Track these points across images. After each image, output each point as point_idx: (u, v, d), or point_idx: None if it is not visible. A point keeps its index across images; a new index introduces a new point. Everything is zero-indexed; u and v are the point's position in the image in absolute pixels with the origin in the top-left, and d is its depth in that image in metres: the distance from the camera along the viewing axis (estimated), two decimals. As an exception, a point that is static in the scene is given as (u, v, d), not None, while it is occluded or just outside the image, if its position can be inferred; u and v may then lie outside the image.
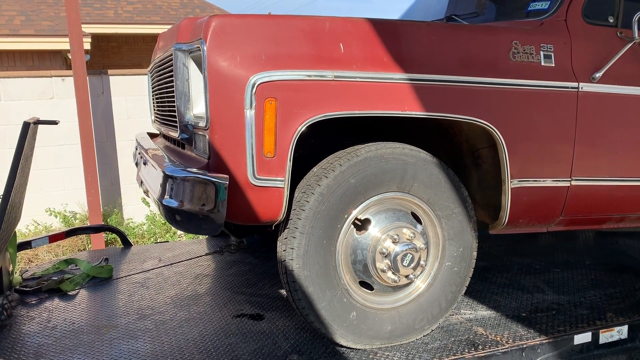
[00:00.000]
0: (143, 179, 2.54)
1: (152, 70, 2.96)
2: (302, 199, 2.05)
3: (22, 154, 2.38)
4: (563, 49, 2.35)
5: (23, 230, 6.05)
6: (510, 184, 2.29)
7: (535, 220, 2.47)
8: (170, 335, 2.36)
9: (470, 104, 2.18)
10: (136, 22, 12.21)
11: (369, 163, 2.09)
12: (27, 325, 2.52)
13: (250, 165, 1.95)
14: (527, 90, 2.27)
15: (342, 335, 2.15)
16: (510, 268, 3.20)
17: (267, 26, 1.98)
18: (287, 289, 2.13)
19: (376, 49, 2.06)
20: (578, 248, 3.69)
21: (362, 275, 2.18)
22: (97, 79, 6.34)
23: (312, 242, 2.04)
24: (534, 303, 2.67)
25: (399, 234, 2.15)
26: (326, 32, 2.01)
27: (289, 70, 1.95)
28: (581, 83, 2.36)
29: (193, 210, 1.92)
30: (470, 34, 2.28)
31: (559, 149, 2.38)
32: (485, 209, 2.51)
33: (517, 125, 2.27)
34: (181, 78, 2.09)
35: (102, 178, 6.34)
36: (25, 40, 9.45)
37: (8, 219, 2.35)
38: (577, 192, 2.45)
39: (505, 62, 2.24)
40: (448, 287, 2.33)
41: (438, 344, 2.26)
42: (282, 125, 1.95)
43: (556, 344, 2.29)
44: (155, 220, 6.56)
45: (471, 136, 2.43)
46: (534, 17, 2.48)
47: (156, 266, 3.34)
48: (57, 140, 6.24)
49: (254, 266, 3.31)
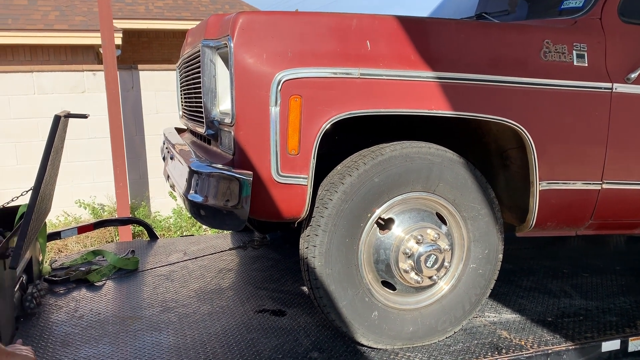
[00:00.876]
0: (169, 173, 2.57)
1: (181, 66, 2.99)
2: (325, 196, 2.05)
3: (52, 146, 2.42)
4: (597, 48, 2.29)
5: (53, 221, 6.19)
6: (539, 186, 2.24)
7: (564, 223, 2.42)
8: (192, 329, 2.38)
9: (499, 103, 2.14)
10: (166, 18, 12.35)
11: (393, 162, 2.07)
12: (54, 314, 2.58)
13: (274, 162, 1.95)
14: (559, 91, 2.22)
15: (363, 335, 2.14)
16: (536, 271, 3.14)
17: (293, 23, 1.97)
18: (308, 287, 2.12)
19: (403, 47, 2.04)
20: (608, 253, 3.60)
21: (385, 275, 2.17)
22: (127, 73, 6.44)
23: (335, 241, 2.04)
24: (561, 308, 2.61)
25: (423, 235, 2.13)
26: (353, 29, 2.00)
27: (315, 68, 1.94)
28: (615, 84, 2.30)
29: (217, 206, 1.93)
30: (501, 32, 2.24)
31: (590, 151, 2.32)
32: (513, 211, 2.46)
33: (547, 126, 2.22)
34: (208, 74, 2.10)
35: (130, 171, 6.45)
36: (59, 35, 9.63)
37: (38, 209, 2.40)
38: (608, 196, 2.39)
39: (536, 62, 2.19)
40: (472, 290, 2.29)
41: (461, 346, 2.24)
42: (306, 122, 1.95)
43: (583, 350, 2.24)
44: (181, 214, 6.64)
45: (499, 136, 2.39)
46: (567, 15, 2.42)
47: (181, 259, 3.38)
48: (88, 134, 6.36)
49: (277, 262, 3.32)
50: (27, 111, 6.11)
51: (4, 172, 6.11)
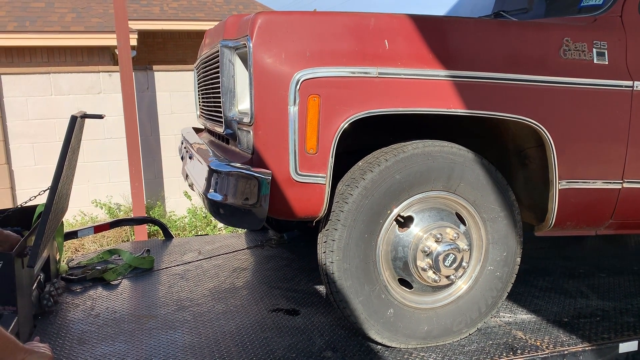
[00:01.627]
0: (188, 172, 2.59)
1: (198, 66, 3.01)
2: (345, 191, 2.05)
3: (69, 146, 2.45)
4: (617, 46, 2.26)
5: (70, 221, 6.27)
6: (558, 185, 2.23)
7: (584, 222, 2.39)
8: (207, 327, 2.40)
9: (518, 102, 2.13)
10: (181, 19, 12.44)
11: (415, 160, 2.07)
12: (71, 312, 2.61)
13: (293, 161, 1.96)
14: (578, 89, 2.19)
15: (377, 332, 2.14)
16: (553, 271, 3.11)
17: (311, 23, 1.98)
18: (325, 281, 2.13)
19: (421, 46, 2.03)
20: (626, 253, 3.54)
21: (402, 273, 2.16)
22: (142, 74, 6.50)
23: (354, 236, 2.04)
24: (577, 308, 2.58)
25: (442, 233, 2.13)
26: (371, 28, 2.00)
27: (333, 67, 1.95)
28: (636, 82, 2.27)
29: (236, 204, 1.95)
30: (520, 30, 2.22)
31: (610, 150, 2.30)
32: (531, 210, 2.45)
33: (567, 124, 2.20)
34: (227, 74, 2.12)
35: (146, 171, 6.51)
36: (76, 36, 9.75)
37: (56, 209, 2.44)
38: (628, 195, 2.36)
39: (555, 60, 2.17)
40: (489, 292, 2.28)
41: (475, 346, 2.22)
42: (324, 121, 1.95)
43: (600, 351, 2.21)
44: (196, 213, 6.68)
45: (518, 135, 2.37)
46: (587, 13, 2.39)
47: (196, 259, 3.41)
48: (104, 134, 6.43)
49: (291, 261, 3.32)
50: (45, 112, 6.20)
51: (23, 172, 6.20)
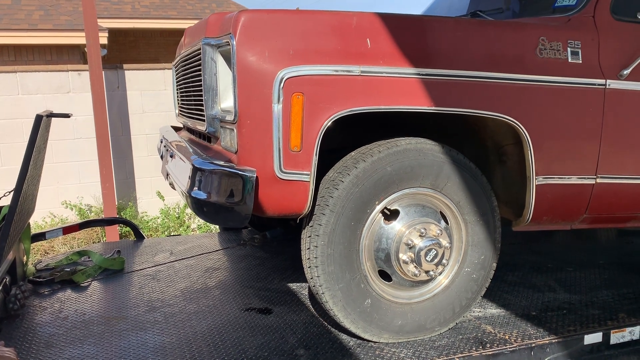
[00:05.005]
0: (169, 171, 2.56)
1: (177, 64, 2.98)
2: (336, 178, 2.07)
3: (34, 146, 2.41)
4: (590, 45, 2.33)
5: (39, 222, 6.14)
6: (535, 181, 2.28)
7: (559, 217, 2.46)
8: (178, 328, 2.38)
9: (496, 100, 2.18)
10: (153, 17, 12.27)
11: (407, 155, 2.11)
12: (39, 316, 2.56)
13: (277, 159, 1.97)
14: (554, 87, 2.25)
15: (353, 321, 2.15)
16: (521, 266, 3.17)
17: (295, 21, 1.99)
18: (306, 265, 2.14)
19: (403, 45, 2.06)
20: (592, 247, 3.64)
21: (383, 265, 2.19)
22: (112, 73, 6.39)
23: (341, 222, 2.06)
24: (545, 302, 2.64)
25: (426, 229, 2.17)
26: (353, 27, 2.02)
27: (316, 65, 1.96)
28: (608, 80, 2.34)
29: (220, 203, 1.95)
30: (497, 29, 2.27)
31: (584, 146, 2.36)
32: (509, 206, 2.50)
33: (543, 122, 2.26)
34: (209, 72, 2.12)
35: (117, 172, 6.41)
36: (44, 34, 9.53)
37: (21, 210, 2.39)
38: (602, 190, 2.43)
39: (532, 59, 2.23)
40: (464, 293, 2.32)
41: (446, 341, 2.25)
42: (308, 119, 1.96)
43: (566, 343, 2.26)
44: (169, 214, 6.61)
45: (496, 132, 2.42)
46: (561, 13, 2.45)
47: (167, 259, 3.37)
48: (73, 134, 6.31)
49: (264, 260, 3.32)
50: (11, 112, 6.05)
51: (-12, 173, 6.04)
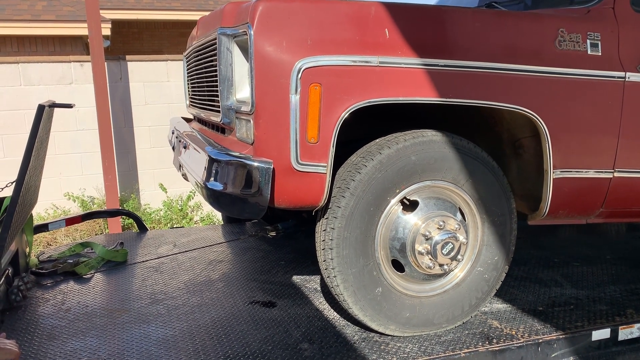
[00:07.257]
0: (183, 162, 2.53)
1: (190, 55, 2.95)
2: (360, 162, 2.05)
3: (36, 137, 2.38)
4: (610, 37, 2.29)
5: (42, 214, 6.13)
6: (553, 174, 2.26)
7: (576, 211, 2.43)
8: (182, 321, 2.36)
9: (514, 92, 2.15)
10: (157, 8, 12.20)
11: (433, 146, 2.09)
12: (41, 307, 2.55)
13: (294, 150, 1.95)
14: (573, 80, 2.22)
15: (362, 308, 2.13)
16: (528, 261, 3.14)
17: (313, 11, 1.95)
18: (320, 247, 2.11)
19: (421, 35, 2.03)
20: (599, 242, 3.60)
21: (397, 254, 2.16)
22: (115, 64, 6.36)
23: (360, 206, 2.04)
24: (552, 297, 2.61)
25: (444, 222, 2.14)
26: (372, 17, 1.99)
27: (335, 56, 1.93)
28: (628, 72, 2.31)
29: (236, 194, 1.93)
30: (516, 21, 2.23)
31: (603, 140, 2.33)
32: (524, 200, 2.47)
33: (562, 114, 2.23)
34: (225, 62, 2.08)
35: (119, 163, 6.39)
36: (47, 25, 9.48)
37: (23, 201, 2.36)
38: (619, 184, 2.40)
39: (551, 51, 2.20)
40: (474, 293, 2.30)
41: (451, 336, 2.23)
42: (326, 110, 1.94)
43: (573, 339, 2.24)
44: (171, 206, 6.59)
45: (513, 125, 2.40)
46: (580, 4, 2.42)
47: (171, 251, 3.35)
48: (76, 125, 6.29)
49: (268, 253, 3.29)
50: (14, 103, 6.03)
51: (-9, 164, 6.03)
